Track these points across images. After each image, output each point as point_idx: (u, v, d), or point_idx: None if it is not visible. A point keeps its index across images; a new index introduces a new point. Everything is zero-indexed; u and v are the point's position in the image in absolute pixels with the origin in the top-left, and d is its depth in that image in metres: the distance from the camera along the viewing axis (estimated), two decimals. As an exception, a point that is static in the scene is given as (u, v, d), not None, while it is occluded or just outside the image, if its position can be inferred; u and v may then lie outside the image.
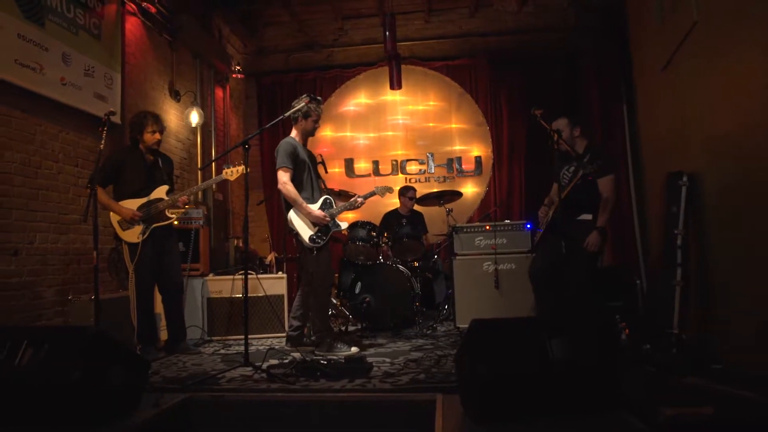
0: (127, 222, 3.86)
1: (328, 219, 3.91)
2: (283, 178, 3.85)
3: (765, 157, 2.72)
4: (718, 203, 3.40)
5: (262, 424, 2.75)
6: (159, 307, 4.21)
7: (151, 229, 3.89)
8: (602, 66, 5.94)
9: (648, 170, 5.12)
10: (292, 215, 3.91)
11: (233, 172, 3.98)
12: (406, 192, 6.01)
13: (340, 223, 4.05)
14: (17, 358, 2.32)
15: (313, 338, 4.05)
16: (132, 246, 3.86)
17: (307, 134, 4.09)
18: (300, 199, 3.86)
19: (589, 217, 3.71)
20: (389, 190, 4.46)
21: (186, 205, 4.11)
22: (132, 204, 3.90)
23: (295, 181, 3.91)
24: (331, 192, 4.39)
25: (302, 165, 3.95)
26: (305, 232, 3.89)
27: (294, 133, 4.04)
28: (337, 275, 5.50)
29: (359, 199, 4.17)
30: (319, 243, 3.88)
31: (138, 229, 3.87)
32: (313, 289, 3.96)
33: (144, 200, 3.92)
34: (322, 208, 3.97)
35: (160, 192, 3.96)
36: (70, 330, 2.88)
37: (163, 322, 4.20)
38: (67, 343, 2.38)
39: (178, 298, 4.15)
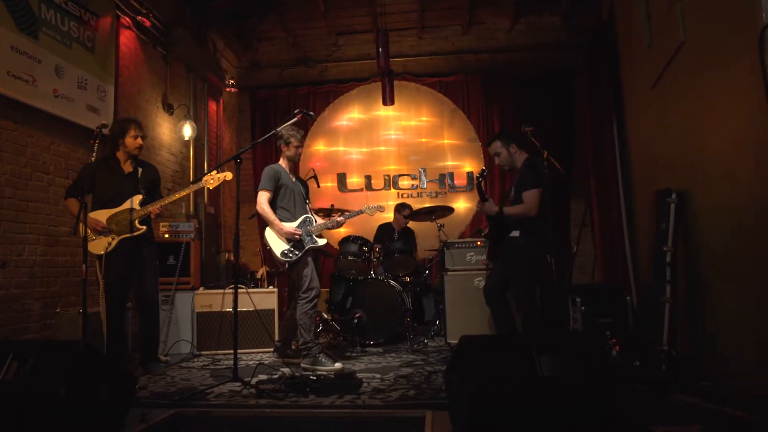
0: (94, 233, 3.76)
1: (299, 233, 3.99)
2: (260, 199, 4.05)
3: (751, 176, 2.75)
4: (708, 220, 3.43)
5: (251, 441, 2.73)
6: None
7: (120, 240, 3.78)
8: (593, 84, 6.01)
9: (638, 187, 5.16)
10: (266, 232, 4.10)
11: (214, 180, 3.97)
12: (402, 209, 6.00)
13: (318, 240, 4.09)
14: (2, 373, 2.29)
15: (300, 349, 4.07)
16: (101, 258, 3.75)
17: (292, 159, 4.24)
18: (272, 217, 4.01)
19: (516, 233, 3.87)
20: (380, 208, 4.45)
21: (155, 215, 3.88)
22: (102, 215, 3.81)
23: (276, 203, 4.09)
24: (323, 208, 4.42)
25: (284, 189, 4.12)
26: (278, 247, 4.01)
27: (281, 160, 4.24)
28: (327, 290, 5.48)
29: (339, 219, 4.27)
30: (290, 257, 3.98)
31: (105, 240, 3.76)
32: (297, 301, 4.05)
33: (114, 211, 3.83)
34: (300, 225, 4.07)
35: (133, 202, 3.82)
36: (58, 344, 2.83)
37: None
38: (54, 358, 2.35)
39: (152, 313, 4.02)
